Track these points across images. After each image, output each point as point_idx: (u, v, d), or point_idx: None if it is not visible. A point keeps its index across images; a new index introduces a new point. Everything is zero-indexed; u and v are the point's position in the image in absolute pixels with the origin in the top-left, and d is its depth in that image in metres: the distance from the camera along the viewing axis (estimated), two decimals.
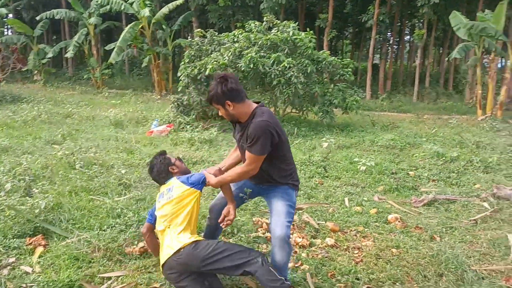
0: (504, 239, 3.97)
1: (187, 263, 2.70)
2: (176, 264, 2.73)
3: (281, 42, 9.08)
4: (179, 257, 2.71)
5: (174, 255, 2.72)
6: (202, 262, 2.66)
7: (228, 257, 2.65)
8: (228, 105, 2.73)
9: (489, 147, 7.85)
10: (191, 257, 2.68)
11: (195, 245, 2.72)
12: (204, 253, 2.66)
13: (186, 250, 2.71)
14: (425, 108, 15.09)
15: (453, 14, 12.35)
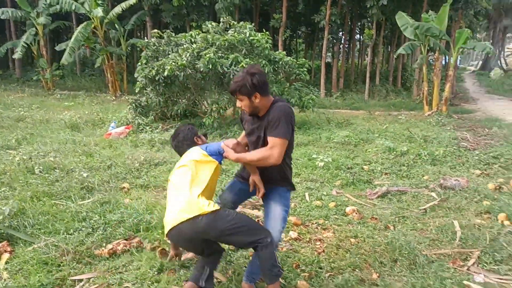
0: (451, 225, 4.34)
1: (205, 231, 2.65)
2: (190, 231, 2.66)
3: (239, 43, 9.23)
4: (197, 224, 2.63)
5: (189, 220, 2.63)
6: (220, 233, 2.65)
7: (246, 232, 2.68)
8: (255, 97, 2.75)
9: (436, 141, 8.39)
10: (211, 227, 2.63)
11: (216, 215, 2.65)
12: (225, 225, 2.64)
13: (206, 219, 2.63)
14: (376, 105, 15.76)
15: (399, 15, 13.00)
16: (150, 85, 9.18)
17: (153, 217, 4.29)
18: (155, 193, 5.34)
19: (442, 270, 3.42)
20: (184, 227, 2.66)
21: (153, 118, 9.64)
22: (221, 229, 2.64)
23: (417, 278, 3.29)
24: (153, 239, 3.88)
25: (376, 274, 3.39)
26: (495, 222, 4.45)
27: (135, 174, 6.00)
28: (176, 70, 8.64)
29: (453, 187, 5.52)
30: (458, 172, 6.43)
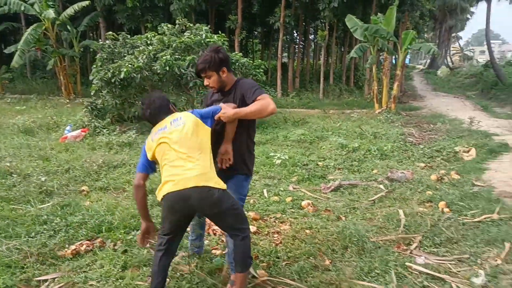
0: (396, 214, 4.71)
1: (211, 205, 2.65)
2: (198, 199, 2.62)
3: (195, 45, 9.36)
4: (210, 195, 2.62)
5: (204, 188, 2.61)
6: (222, 211, 2.70)
7: (239, 217, 2.80)
8: (223, 72, 2.96)
9: (384, 137, 8.91)
10: (220, 203, 2.66)
11: (226, 194, 2.72)
12: (228, 205, 2.70)
13: (219, 194, 2.65)
14: (331, 104, 16.32)
15: (348, 17, 13.56)
16: (106, 87, 9.13)
17: (114, 217, 4.38)
18: (115, 194, 5.40)
19: (387, 254, 3.74)
20: (194, 192, 2.60)
21: (109, 121, 9.59)
22: (224, 208, 2.69)
23: (365, 262, 3.59)
24: (116, 239, 3.98)
25: (329, 261, 3.66)
26: (436, 210, 4.87)
27: (94, 177, 6.02)
28: (133, 72, 8.66)
29: (399, 179, 5.95)
30: (404, 165, 6.90)
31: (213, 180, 2.69)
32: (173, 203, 2.68)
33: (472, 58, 69.34)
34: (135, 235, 4.03)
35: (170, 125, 2.81)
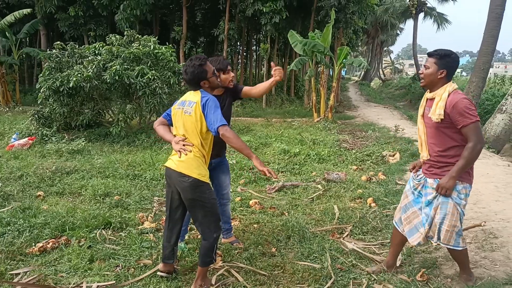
0: (332, 209, 5.40)
1: (183, 190, 3.16)
2: (176, 180, 3.18)
3: (144, 56, 9.69)
4: (183, 180, 3.12)
5: (179, 173, 3.13)
6: (191, 200, 3.18)
7: (209, 217, 3.23)
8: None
9: (322, 143, 9.73)
10: (190, 190, 3.14)
11: (200, 185, 3.15)
12: (198, 196, 3.16)
13: (190, 184, 3.12)
14: (273, 112, 17.11)
15: (290, 33, 14.46)
16: (53, 96, 9.20)
17: (76, 218, 4.70)
18: (72, 199, 5.67)
19: (323, 241, 4.39)
20: (173, 173, 3.17)
21: (56, 129, 9.63)
22: (194, 197, 3.16)
23: (305, 248, 4.20)
24: (80, 237, 4.30)
25: (274, 248, 4.24)
26: (364, 205, 5.63)
27: (48, 183, 6.21)
28: (82, 81, 8.83)
29: (335, 180, 6.70)
30: (339, 168, 7.69)
31: (191, 169, 3.12)
32: (166, 176, 3.35)
33: (402, 71, 74.40)
34: (98, 233, 4.39)
35: (186, 105, 3.21)
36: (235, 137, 3.08)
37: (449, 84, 3.15)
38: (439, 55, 3.13)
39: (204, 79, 3.19)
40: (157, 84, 9.34)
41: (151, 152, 8.46)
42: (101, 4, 16.96)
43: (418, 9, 35.63)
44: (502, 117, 9.76)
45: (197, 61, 3.14)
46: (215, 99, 3.17)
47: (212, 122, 3.06)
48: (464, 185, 3.17)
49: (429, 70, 3.16)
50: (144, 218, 5.01)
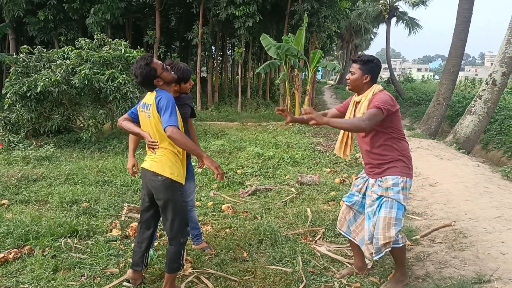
0: (304, 211, 5.38)
1: (155, 190, 3.12)
2: (149, 180, 3.14)
3: (114, 59, 9.51)
4: (156, 179, 3.09)
5: (152, 173, 3.10)
6: (163, 200, 3.11)
7: (181, 221, 3.16)
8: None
9: (296, 146, 9.74)
10: (163, 190, 3.10)
11: (173, 185, 3.12)
12: (170, 197, 3.10)
13: (163, 184, 3.09)
14: (248, 116, 17.09)
15: (263, 36, 14.49)
16: (20, 101, 8.91)
17: (41, 226, 4.52)
18: (38, 207, 5.47)
19: (296, 245, 4.35)
20: (147, 172, 3.15)
21: (24, 135, 9.34)
22: (166, 198, 3.11)
23: (277, 252, 4.15)
24: (44, 246, 4.14)
25: (246, 253, 4.17)
26: (337, 207, 5.61)
27: (13, 191, 5.99)
28: (50, 86, 8.59)
29: (308, 183, 6.69)
30: (313, 170, 7.70)
31: (164, 168, 3.09)
32: (141, 176, 3.29)
33: None
34: (63, 242, 4.23)
35: (146, 108, 3.15)
36: (182, 137, 2.96)
37: (374, 85, 3.30)
38: (363, 61, 3.27)
39: (155, 77, 3.08)
40: (128, 88, 9.18)
41: (123, 158, 8.29)
42: (71, 8, 16.62)
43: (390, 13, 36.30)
44: (472, 118, 9.99)
45: (142, 61, 3.04)
46: (168, 97, 3.06)
47: (162, 122, 3.00)
48: (403, 179, 3.22)
49: (354, 76, 3.30)
50: (113, 225, 4.87)
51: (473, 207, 5.19)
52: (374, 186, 3.32)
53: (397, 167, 3.24)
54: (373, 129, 3.18)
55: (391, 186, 3.21)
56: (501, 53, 9.29)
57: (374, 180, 3.32)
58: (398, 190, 3.20)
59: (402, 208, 3.24)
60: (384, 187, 3.24)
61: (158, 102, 3.02)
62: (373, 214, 3.31)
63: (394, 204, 3.21)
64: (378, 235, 3.24)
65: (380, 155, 3.26)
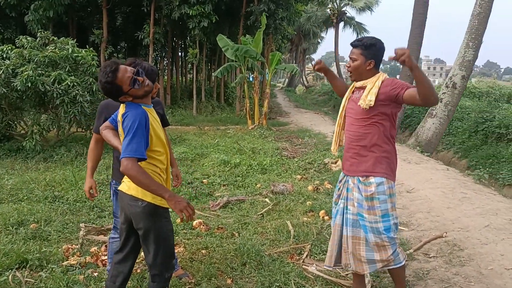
0: (285, 225, 4.95)
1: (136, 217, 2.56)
2: (126, 205, 2.59)
3: (61, 60, 8.63)
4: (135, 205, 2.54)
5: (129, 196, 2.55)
6: (144, 229, 2.56)
7: (165, 252, 2.63)
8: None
9: (262, 151, 9.32)
10: (145, 217, 2.55)
11: (156, 213, 2.57)
12: (151, 226, 2.55)
13: (144, 209, 2.53)
14: (205, 120, 16.48)
15: (220, 37, 13.98)
16: None
17: None
18: None
19: (283, 266, 3.91)
20: (125, 196, 2.60)
21: None
22: (148, 227, 2.55)
23: (265, 276, 3.68)
24: None
25: (230, 279, 3.67)
26: (317, 218, 5.25)
27: None
28: None
29: (282, 192, 6.28)
30: (283, 178, 7.30)
31: (145, 191, 2.50)
32: (119, 199, 2.74)
33: (323, 78, 77.30)
34: (11, 276, 3.52)
35: (119, 127, 2.61)
36: (139, 175, 2.36)
37: (380, 73, 2.91)
38: (364, 45, 2.87)
39: (121, 95, 2.50)
40: (78, 91, 8.33)
41: (73, 168, 7.47)
42: (8, 4, 15.17)
43: (338, 18, 37.04)
44: (433, 121, 10.06)
45: (103, 77, 2.42)
46: (135, 115, 2.44)
47: (122, 148, 2.43)
48: (389, 184, 2.88)
49: (356, 63, 2.90)
50: (69, 251, 4.18)
51: (458, 215, 5.00)
52: (354, 190, 2.93)
53: (383, 165, 2.87)
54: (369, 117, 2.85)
55: (376, 193, 2.82)
56: (461, 57, 9.42)
57: (354, 181, 2.93)
58: (385, 198, 2.84)
59: (391, 220, 2.87)
60: (368, 195, 2.84)
61: (124, 119, 2.48)
62: (355, 225, 2.95)
63: (379, 222, 2.83)
64: (372, 257, 2.89)
65: (364, 147, 2.89)
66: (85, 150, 8.68)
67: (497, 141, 12.81)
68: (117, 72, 2.44)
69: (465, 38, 9.39)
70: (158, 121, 2.70)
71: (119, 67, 2.46)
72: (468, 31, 9.36)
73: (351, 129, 2.97)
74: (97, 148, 3.37)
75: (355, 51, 2.89)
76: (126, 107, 2.54)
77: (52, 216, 5.12)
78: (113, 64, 2.46)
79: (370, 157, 2.87)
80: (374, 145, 2.86)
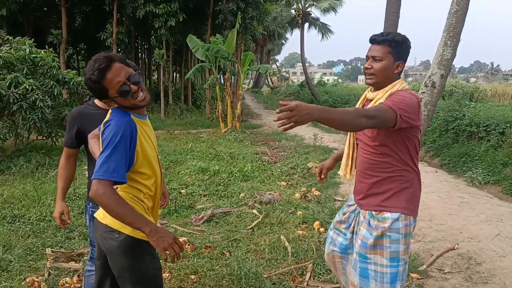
0: (279, 241, 4.50)
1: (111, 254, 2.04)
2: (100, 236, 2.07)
3: (18, 61, 7.82)
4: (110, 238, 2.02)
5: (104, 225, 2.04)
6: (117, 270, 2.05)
7: None
8: None
9: (240, 156, 8.81)
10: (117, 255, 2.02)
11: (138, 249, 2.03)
12: (128, 266, 2.02)
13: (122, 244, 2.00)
14: (174, 124, 15.77)
15: (190, 37, 13.36)
16: None
17: None
18: None
19: None
20: (99, 227, 2.08)
21: None
22: (125, 265, 2.02)
23: None
24: None
25: None
26: (313, 231, 4.83)
27: None
28: None
29: (269, 201, 5.82)
30: (268, 185, 6.83)
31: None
32: (93, 227, 2.22)
33: (288, 79, 77.71)
34: None
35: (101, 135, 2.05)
36: (112, 203, 1.84)
37: (401, 81, 2.32)
38: (395, 42, 2.26)
39: (105, 99, 2.00)
40: (37, 96, 7.55)
41: (34, 181, 6.71)
42: None
43: (303, 19, 37.03)
44: None
45: (89, 73, 1.92)
46: (118, 125, 1.94)
47: (96, 166, 1.90)
48: (407, 221, 2.28)
49: (382, 64, 2.27)
50: (35, 284, 3.55)
51: (462, 223, 4.70)
52: (363, 225, 2.38)
53: (401, 198, 2.29)
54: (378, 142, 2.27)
55: (388, 230, 2.26)
56: (439, 55, 9.27)
57: (365, 214, 2.39)
58: (398, 238, 2.26)
59: (400, 266, 2.28)
60: (379, 233, 2.28)
61: (104, 131, 1.97)
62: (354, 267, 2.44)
63: (385, 267, 2.28)
64: None
65: (379, 177, 2.33)
66: (47, 160, 7.90)
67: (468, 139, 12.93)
68: (107, 72, 1.91)
69: (443, 37, 9.25)
70: (150, 137, 2.17)
71: (112, 66, 1.92)
72: (446, 29, 9.23)
73: (363, 155, 2.40)
74: (69, 165, 2.80)
75: (380, 49, 2.27)
76: (111, 114, 2.03)
77: (12, 240, 4.43)
78: (105, 61, 1.91)
79: (387, 189, 2.31)
80: (391, 176, 2.30)
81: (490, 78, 78.69)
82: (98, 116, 2.47)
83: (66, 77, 8.73)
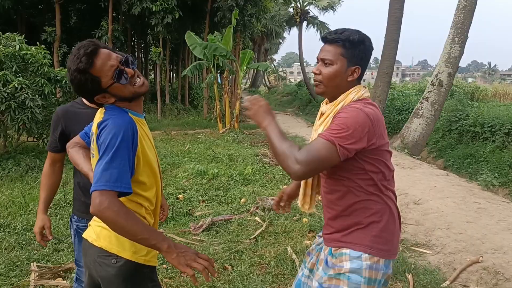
0: (286, 253, 4.15)
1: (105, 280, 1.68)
2: (92, 261, 1.71)
3: (7, 58, 7.43)
4: (105, 263, 1.67)
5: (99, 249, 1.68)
6: None
7: None
8: None
9: (240, 158, 8.46)
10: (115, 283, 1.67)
11: (136, 273, 1.71)
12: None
13: (121, 270, 1.66)
14: (170, 124, 15.42)
15: (188, 35, 13.02)
16: None
17: None
18: None
19: None
20: (90, 250, 1.72)
21: None
22: None
23: None
24: None
25: None
26: None
27: None
28: None
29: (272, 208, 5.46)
30: (269, 189, 6.49)
31: (120, 243, 1.66)
32: (82, 249, 1.83)
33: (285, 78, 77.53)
34: None
35: (92, 142, 1.76)
36: (124, 216, 1.50)
37: (357, 88, 1.84)
38: (349, 41, 1.77)
39: (97, 92, 1.64)
40: (27, 95, 7.17)
41: (23, 186, 6.34)
42: None
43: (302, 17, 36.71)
44: (419, 121, 9.56)
45: (74, 63, 1.57)
46: (119, 125, 1.60)
47: (94, 175, 1.56)
48: (369, 262, 1.77)
49: (331, 68, 1.80)
50: None
51: (483, 232, 4.37)
52: (321, 262, 1.92)
53: (366, 234, 1.80)
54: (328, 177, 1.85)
55: (348, 270, 1.77)
56: (446, 53, 8.98)
57: (326, 251, 1.92)
58: (359, 282, 1.74)
59: None
60: (336, 271, 1.80)
61: (100, 133, 1.61)
62: None
63: None
64: None
65: (341, 207, 1.85)
66: (37, 162, 7.52)
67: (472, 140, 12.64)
68: (95, 57, 1.57)
69: (450, 33, 8.96)
70: (150, 139, 1.84)
71: (99, 50, 1.59)
72: (453, 25, 8.94)
73: (323, 184, 1.95)
74: (53, 172, 2.43)
75: (331, 50, 1.80)
76: (106, 113, 1.67)
77: None
78: (91, 45, 1.57)
79: (350, 224, 1.83)
80: (352, 208, 1.83)
81: (487, 78, 78.83)
82: (86, 115, 2.14)
83: (58, 75, 8.35)
